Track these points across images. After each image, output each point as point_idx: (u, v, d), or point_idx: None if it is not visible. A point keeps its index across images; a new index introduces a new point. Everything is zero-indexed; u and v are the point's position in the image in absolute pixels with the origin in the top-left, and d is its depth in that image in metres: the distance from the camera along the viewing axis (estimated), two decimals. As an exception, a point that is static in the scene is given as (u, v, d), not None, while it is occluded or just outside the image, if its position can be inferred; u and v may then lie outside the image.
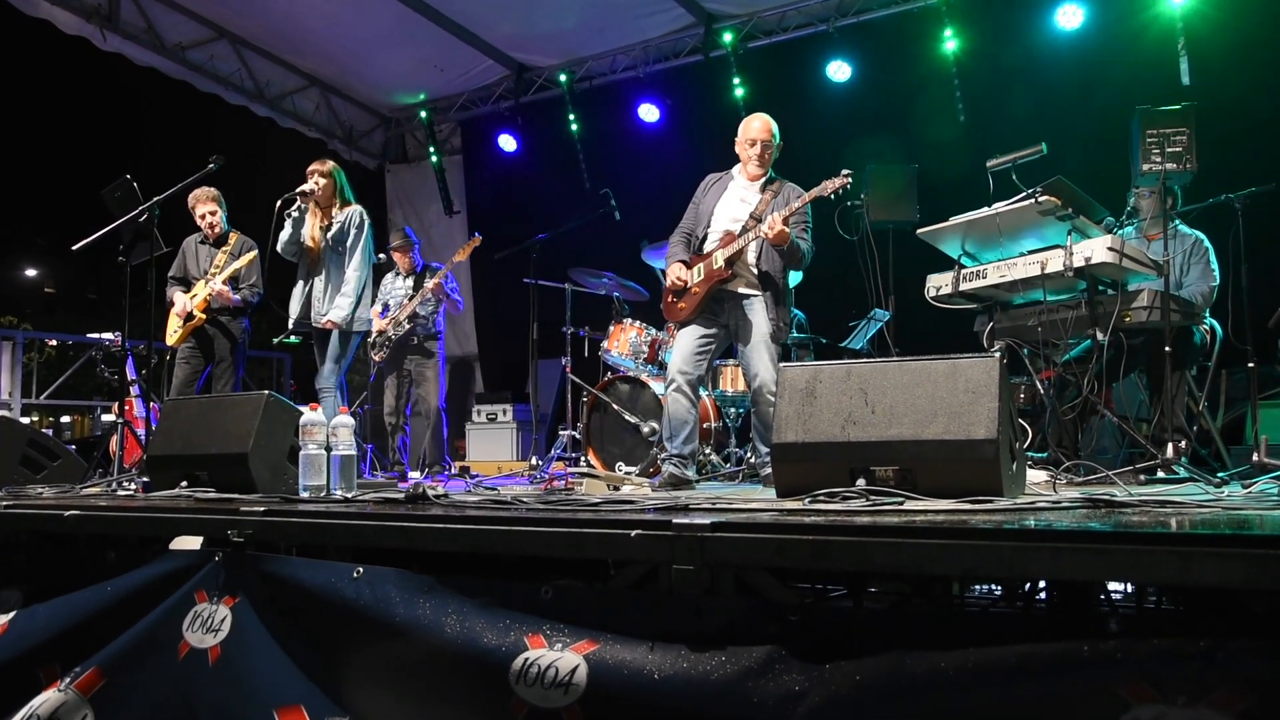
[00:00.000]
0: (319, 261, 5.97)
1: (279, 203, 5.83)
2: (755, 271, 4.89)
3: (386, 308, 7.30)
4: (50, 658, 3.20)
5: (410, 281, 7.38)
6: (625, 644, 2.25)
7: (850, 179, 4.78)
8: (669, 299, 5.15)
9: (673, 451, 4.82)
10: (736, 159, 5.14)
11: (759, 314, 4.84)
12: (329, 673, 2.70)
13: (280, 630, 2.84)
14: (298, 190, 5.84)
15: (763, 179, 5.09)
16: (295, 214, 5.88)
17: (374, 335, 7.06)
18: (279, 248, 5.91)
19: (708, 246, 5.04)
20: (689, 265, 5.05)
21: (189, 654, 2.92)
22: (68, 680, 3.03)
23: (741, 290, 4.90)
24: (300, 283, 6.06)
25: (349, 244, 5.95)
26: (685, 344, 4.94)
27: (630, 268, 7.26)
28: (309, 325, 6.00)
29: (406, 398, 7.21)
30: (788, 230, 4.72)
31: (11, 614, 3.47)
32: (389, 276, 7.56)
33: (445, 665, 2.47)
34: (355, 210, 6.03)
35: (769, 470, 4.53)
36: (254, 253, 6.59)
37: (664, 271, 5.32)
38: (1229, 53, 6.98)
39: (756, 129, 5.08)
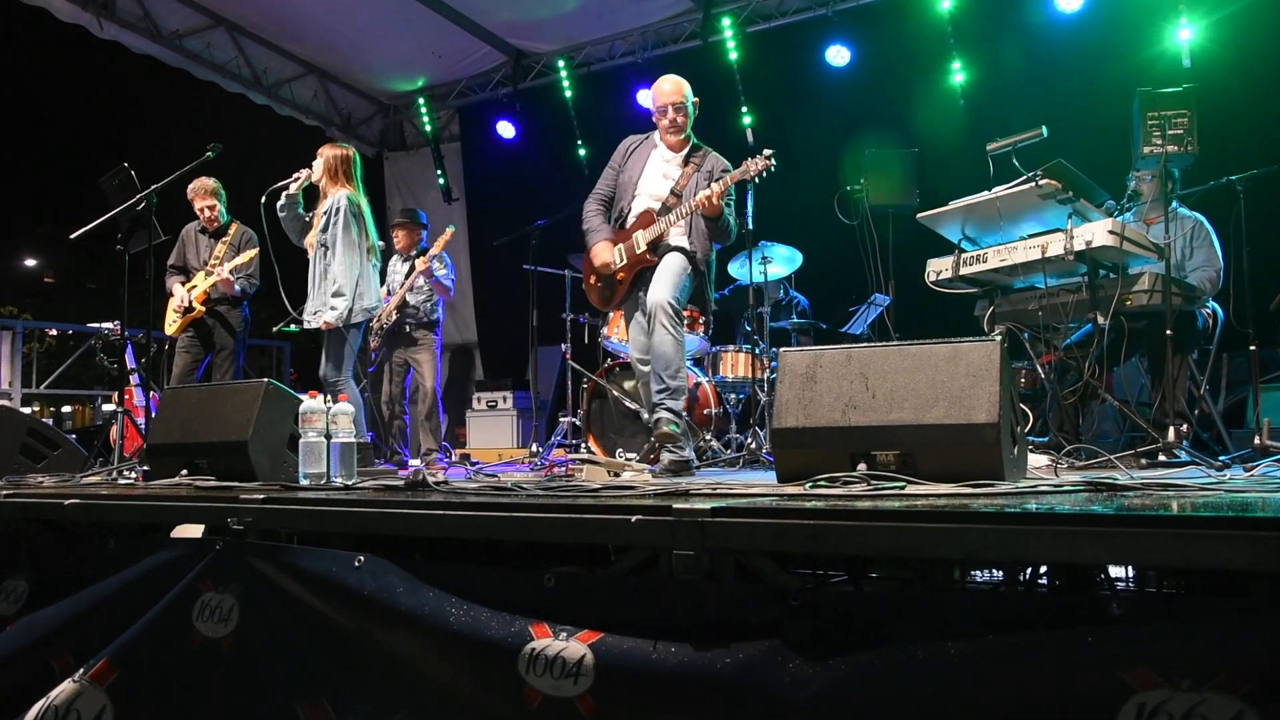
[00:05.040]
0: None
1: (263, 197, 5.61)
2: (684, 247, 4.72)
3: (390, 293, 7.24)
4: (61, 649, 3.21)
5: (408, 266, 7.28)
6: (630, 632, 2.25)
7: (773, 161, 4.57)
8: (591, 280, 4.96)
9: None
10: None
11: (676, 256, 4.68)
12: (343, 664, 2.70)
13: (288, 620, 2.84)
14: (279, 186, 5.61)
15: (684, 150, 4.89)
16: (284, 203, 5.66)
17: (374, 320, 7.01)
18: (293, 240, 5.75)
19: (630, 222, 4.86)
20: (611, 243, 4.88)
21: (202, 644, 2.91)
22: (81, 671, 3.03)
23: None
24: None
25: (329, 234, 5.54)
26: (636, 335, 4.83)
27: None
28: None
29: (403, 387, 7.16)
30: (720, 205, 4.55)
31: (18, 606, 3.48)
32: (393, 260, 7.47)
33: (455, 656, 2.46)
34: (337, 196, 5.57)
35: (665, 414, 4.48)
36: (255, 249, 6.58)
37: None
38: (1230, 35, 6.95)
39: (665, 92, 4.81)
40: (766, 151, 4.57)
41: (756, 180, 4.63)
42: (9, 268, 31.49)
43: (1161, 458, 3.95)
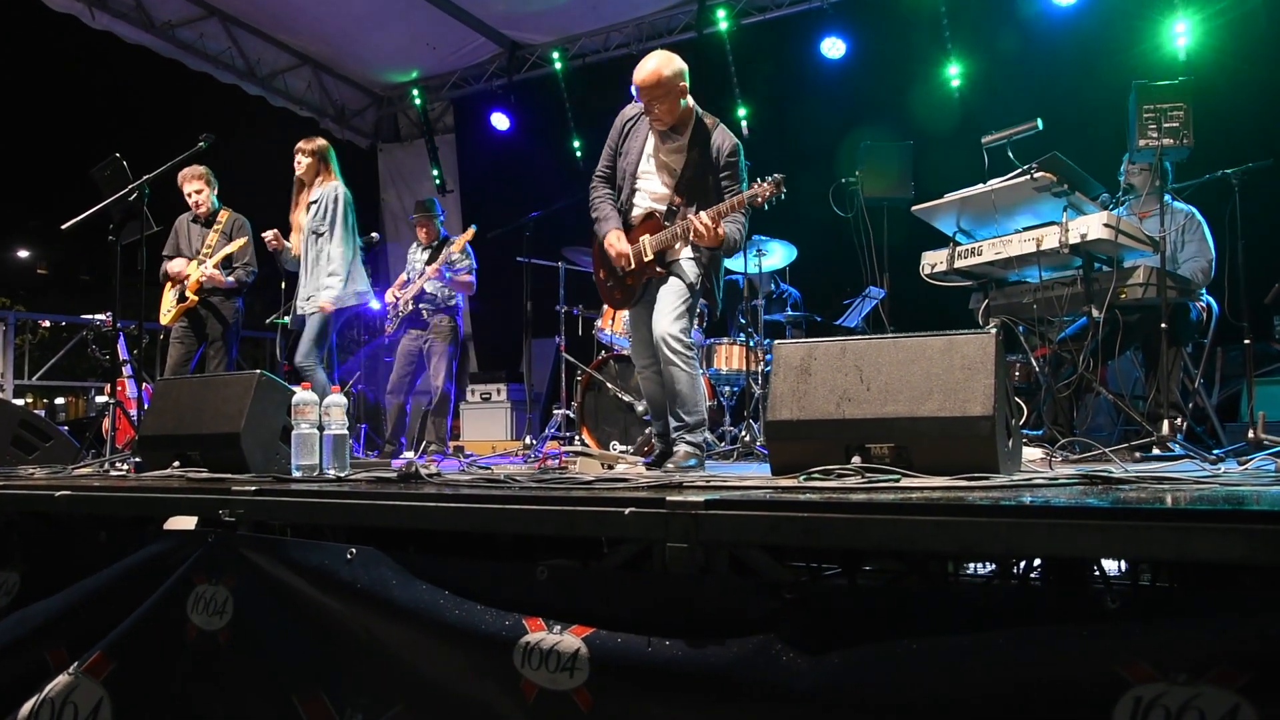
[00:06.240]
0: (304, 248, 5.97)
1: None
2: (683, 273, 4.39)
3: (409, 280, 7.23)
4: (55, 642, 3.18)
5: (428, 254, 7.28)
6: (623, 626, 2.24)
7: (783, 189, 4.11)
8: (601, 275, 4.67)
9: (659, 430, 4.78)
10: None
11: (683, 271, 4.37)
12: (339, 657, 2.68)
13: (282, 613, 2.82)
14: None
15: (685, 134, 4.37)
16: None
17: (390, 309, 7.07)
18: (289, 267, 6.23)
19: (633, 220, 4.51)
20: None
21: (198, 637, 2.89)
22: (76, 665, 3.01)
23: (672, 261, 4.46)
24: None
25: (328, 221, 5.85)
26: (638, 332, 4.64)
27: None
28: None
29: (411, 376, 7.11)
30: (723, 233, 4.17)
31: (9, 599, 3.46)
32: (412, 248, 7.47)
33: (450, 649, 2.45)
34: (331, 186, 5.92)
35: (685, 448, 4.26)
36: (246, 237, 6.56)
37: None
38: (1226, 28, 6.95)
39: (639, 82, 4.24)
40: (777, 176, 4.13)
41: (765, 207, 4.18)
42: (1, 259, 31.42)
43: (1156, 451, 3.95)
